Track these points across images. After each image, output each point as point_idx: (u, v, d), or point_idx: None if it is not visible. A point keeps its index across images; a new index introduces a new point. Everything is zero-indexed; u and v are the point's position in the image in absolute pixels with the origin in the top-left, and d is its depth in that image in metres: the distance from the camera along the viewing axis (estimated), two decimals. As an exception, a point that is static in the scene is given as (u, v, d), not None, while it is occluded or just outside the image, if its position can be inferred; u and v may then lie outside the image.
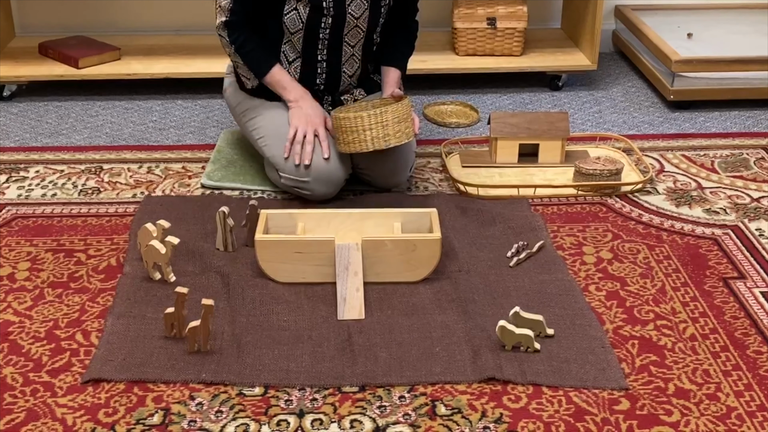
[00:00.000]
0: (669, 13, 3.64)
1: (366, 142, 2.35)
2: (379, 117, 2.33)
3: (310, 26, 2.43)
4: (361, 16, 2.45)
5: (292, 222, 2.23)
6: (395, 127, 2.35)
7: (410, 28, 2.63)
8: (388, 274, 2.13)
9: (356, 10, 2.43)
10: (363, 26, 2.47)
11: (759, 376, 1.86)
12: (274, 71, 2.47)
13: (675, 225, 2.42)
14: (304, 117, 2.44)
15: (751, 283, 2.17)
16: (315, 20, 2.42)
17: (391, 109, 2.34)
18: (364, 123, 2.33)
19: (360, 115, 2.33)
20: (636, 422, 1.74)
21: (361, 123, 2.33)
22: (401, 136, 2.37)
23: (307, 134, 2.42)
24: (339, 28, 2.44)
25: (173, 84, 3.29)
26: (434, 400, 1.79)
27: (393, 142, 2.36)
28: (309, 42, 2.47)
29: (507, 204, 2.50)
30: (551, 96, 3.32)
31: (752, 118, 3.13)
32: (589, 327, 1.99)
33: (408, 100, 2.40)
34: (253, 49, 2.46)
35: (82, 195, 2.57)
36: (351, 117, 2.34)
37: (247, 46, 2.45)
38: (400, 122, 2.35)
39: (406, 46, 2.63)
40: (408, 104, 2.38)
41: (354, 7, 2.42)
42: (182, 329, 1.93)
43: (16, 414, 1.75)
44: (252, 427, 1.72)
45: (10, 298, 2.10)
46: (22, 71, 3.21)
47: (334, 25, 2.43)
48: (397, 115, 2.35)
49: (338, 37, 2.47)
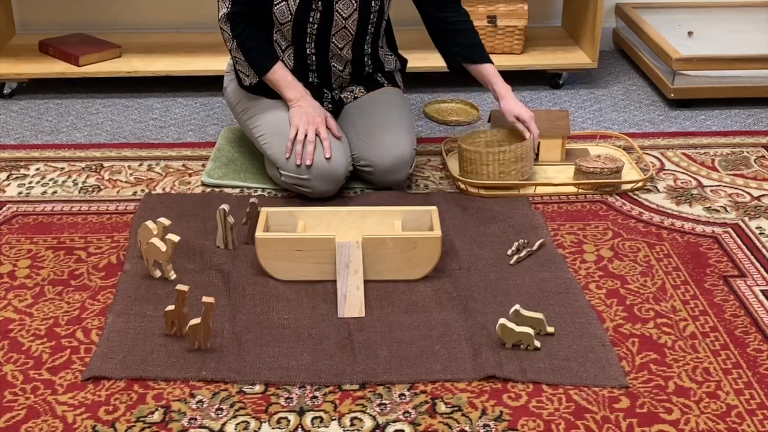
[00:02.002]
0: (670, 12, 3.64)
1: (483, 175, 2.52)
2: (498, 155, 2.49)
3: (298, 19, 2.43)
4: (349, 18, 2.45)
5: (293, 220, 2.23)
6: (513, 165, 2.50)
7: (461, 21, 2.59)
8: (389, 271, 2.13)
9: (344, 9, 2.43)
10: (352, 29, 2.48)
11: (759, 374, 1.86)
12: (275, 68, 2.46)
13: (675, 223, 2.42)
14: (305, 116, 2.44)
15: (752, 281, 2.17)
16: (303, 13, 2.43)
17: (511, 149, 2.49)
18: (482, 159, 2.50)
19: (479, 152, 2.50)
20: (636, 420, 1.74)
21: (479, 158, 2.50)
22: (517, 174, 2.52)
23: (309, 133, 2.41)
24: (327, 25, 2.45)
25: (174, 82, 3.29)
26: (434, 398, 1.79)
27: (508, 180, 2.52)
28: (297, 35, 2.48)
29: (507, 202, 2.50)
30: (552, 94, 3.32)
31: (753, 116, 3.13)
32: (590, 325, 2.00)
33: (530, 140, 2.53)
34: (256, 45, 2.45)
35: (82, 193, 2.57)
36: (471, 150, 2.51)
37: (250, 42, 2.44)
38: (518, 161, 2.50)
39: (472, 38, 2.60)
40: (529, 145, 2.53)
41: (342, 5, 2.42)
42: (183, 327, 1.93)
43: (16, 411, 1.75)
44: (252, 425, 1.72)
45: (10, 295, 2.10)
46: (23, 69, 3.21)
47: (322, 20, 2.44)
48: (516, 155, 2.50)
49: (326, 35, 2.48)
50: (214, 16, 2.48)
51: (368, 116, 2.55)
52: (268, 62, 2.47)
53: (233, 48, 2.48)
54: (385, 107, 2.58)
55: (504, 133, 2.64)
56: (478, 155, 2.50)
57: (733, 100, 3.20)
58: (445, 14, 2.57)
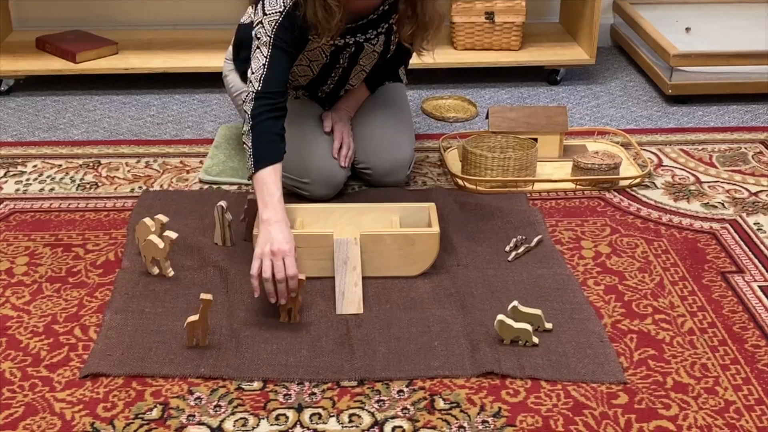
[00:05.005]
0: (667, 8, 3.64)
1: (485, 177, 2.54)
2: (502, 162, 2.51)
3: (319, 76, 2.45)
4: (368, 64, 2.46)
5: (291, 216, 2.22)
6: (517, 173, 2.52)
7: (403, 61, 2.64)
8: (387, 268, 2.13)
9: (367, 62, 2.44)
10: (368, 68, 2.49)
11: (757, 369, 1.86)
12: (269, 172, 2.09)
13: (673, 219, 2.42)
14: (269, 243, 1.98)
15: (749, 277, 2.17)
16: (324, 74, 2.44)
17: (515, 156, 2.51)
18: (486, 162, 2.52)
19: (485, 155, 2.51)
20: (634, 416, 1.74)
21: (483, 161, 2.52)
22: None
23: (275, 269, 1.96)
24: (346, 76, 2.47)
25: (171, 78, 3.29)
26: (433, 395, 1.79)
27: (510, 186, 2.53)
28: (314, 85, 2.50)
29: (505, 198, 2.50)
30: (549, 90, 3.32)
31: (750, 112, 3.13)
32: (588, 321, 2.00)
33: (535, 149, 2.55)
34: (267, 141, 2.13)
35: (80, 189, 2.56)
36: (477, 153, 2.52)
37: (265, 135, 2.13)
38: (522, 169, 2.53)
39: (391, 70, 2.62)
40: (534, 153, 2.54)
41: (365, 59, 2.43)
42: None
43: (14, 409, 1.75)
44: (251, 422, 1.72)
45: (8, 292, 2.10)
46: (20, 66, 3.21)
47: (342, 74, 2.45)
48: (520, 163, 2.52)
49: (344, 82, 2.49)
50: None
51: (368, 116, 2.55)
52: (266, 161, 2.11)
53: (246, 132, 2.15)
54: (386, 106, 2.57)
55: (509, 139, 2.64)
56: (484, 158, 2.51)
57: (731, 96, 3.20)
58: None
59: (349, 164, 2.46)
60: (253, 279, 1.96)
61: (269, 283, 1.95)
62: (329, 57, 2.37)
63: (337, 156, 2.44)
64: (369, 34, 2.35)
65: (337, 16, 2.19)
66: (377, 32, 2.36)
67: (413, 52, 2.49)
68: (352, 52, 2.38)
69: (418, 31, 2.35)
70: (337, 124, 2.48)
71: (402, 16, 2.34)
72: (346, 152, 2.45)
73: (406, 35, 2.36)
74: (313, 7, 2.17)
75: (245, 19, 2.58)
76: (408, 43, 2.39)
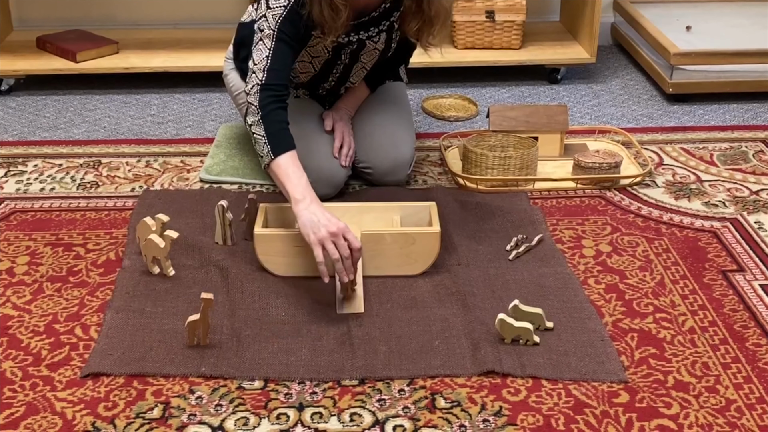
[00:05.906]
0: (668, 6, 3.64)
1: (486, 176, 2.54)
2: (503, 161, 2.51)
3: (320, 74, 2.45)
4: (370, 61, 2.46)
5: (291, 216, 2.22)
6: (517, 172, 2.52)
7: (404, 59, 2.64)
8: (388, 267, 2.13)
9: (368, 59, 2.44)
10: (369, 66, 2.49)
11: (758, 368, 1.86)
12: (287, 156, 2.09)
13: (674, 218, 2.42)
14: (323, 227, 1.98)
15: (750, 275, 2.17)
16: (326, 70, 2.44)
17: (516, 155, 2.51)
18: (487, 161, 2.52)
19: (486, 154, 2.52)
20: (635, 415, 1.74)
21: (484, 160, 2.52)
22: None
23: (340, 248, 1.97)
24: (347, 72, 2.47)
25: (171, 78, 3.29)
26: (434, 393, 1.79)
27: (511, 185, 2.53)
28: (315, 82, 2.50)
29: (506, 197, 2.50)
30: (550, 89, 3.32)
31: (751, 110, 3.13)
32: (589, 320, 2.00)
33: (536, 148, 2.55)
34: (278, 130, 2.12)
35: (80, 189, 2.56)
36: (478, 152, 2.52)
37: (273, 125, 2.12)
38: (523, 168, 2.52)
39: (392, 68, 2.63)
40: (534, 152, 2.54)
41: (366, 56, 2.43)
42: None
43: (15, 408, 1.75)
44: (252, 421, 1.72)
45: (9, 292, 2.10)
46: (20, 65, 3.21)
47: (343, 70, 2.45)
48: (520, 162, 2.52)
49: (345, 78, 2.49)
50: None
51: (369, 115, 2.55)
52: (282, 148, 2.11)
53: (255, 122, 2.13)
54: (386, 105, 2.58)
55: (509, 138, 2.64)
56: (485, 157, 2.51)
57: (732, 94, 3.20)
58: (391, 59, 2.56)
59: (349, 163, 2.46)
60: (320, 266, 1.97)
61: (339, 262, 1.96)
62: (331, 52, 2.37)
63: (338, 155, 2.44)
64: (371, 31, 2.35)
65: (344, 14, 2.19)
66: (379, 30, 2.36)
67: (417, 48, 2.49)
68: (353, 49, 2.38)
69: (425, 26, 2.35)
70: (338, 123, 2.49)
71: (407, 11, 2.34)
72: (347, 151, 2.45)
73: (412, 31, 2.36)
74: (320, 6, 2.17)
75: (246, 18, 2.58)
76: (414, 39, 2.39)
